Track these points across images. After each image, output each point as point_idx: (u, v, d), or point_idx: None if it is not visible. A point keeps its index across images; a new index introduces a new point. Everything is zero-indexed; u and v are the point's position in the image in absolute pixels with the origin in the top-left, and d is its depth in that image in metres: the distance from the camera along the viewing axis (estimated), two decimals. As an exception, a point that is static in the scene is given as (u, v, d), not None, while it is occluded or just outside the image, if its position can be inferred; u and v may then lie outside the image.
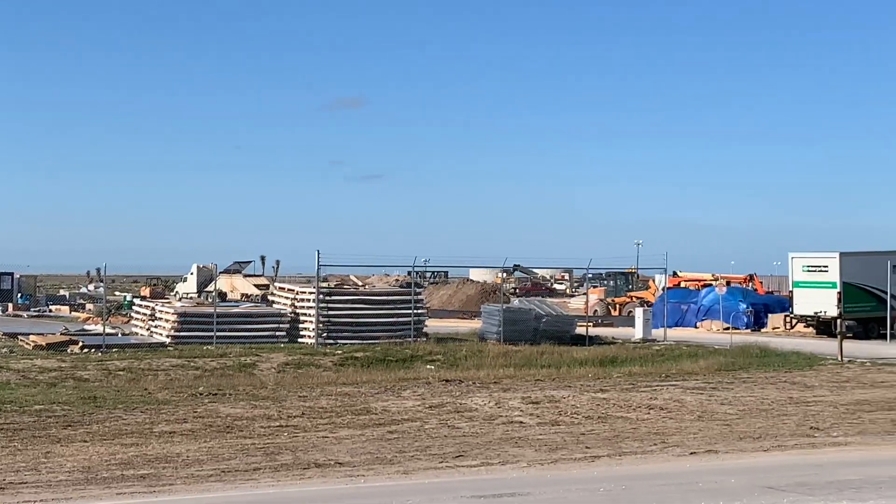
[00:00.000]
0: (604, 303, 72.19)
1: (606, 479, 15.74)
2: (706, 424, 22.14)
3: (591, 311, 68.62)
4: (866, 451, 19.19)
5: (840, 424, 22.29)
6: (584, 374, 31.81)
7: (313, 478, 16.22)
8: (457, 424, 21.89)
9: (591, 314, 67.03)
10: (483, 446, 19.16)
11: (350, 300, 41.48)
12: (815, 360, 36.10)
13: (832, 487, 14.94)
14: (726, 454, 18.60)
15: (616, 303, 72.20)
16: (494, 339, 41.30)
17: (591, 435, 20.62)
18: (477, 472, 16.68)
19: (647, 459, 18.02)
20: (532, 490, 14.99)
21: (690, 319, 56.79)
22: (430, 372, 32.54)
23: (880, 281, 48.28)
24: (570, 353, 37.26)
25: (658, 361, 36.65)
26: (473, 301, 71.92)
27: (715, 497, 14.14)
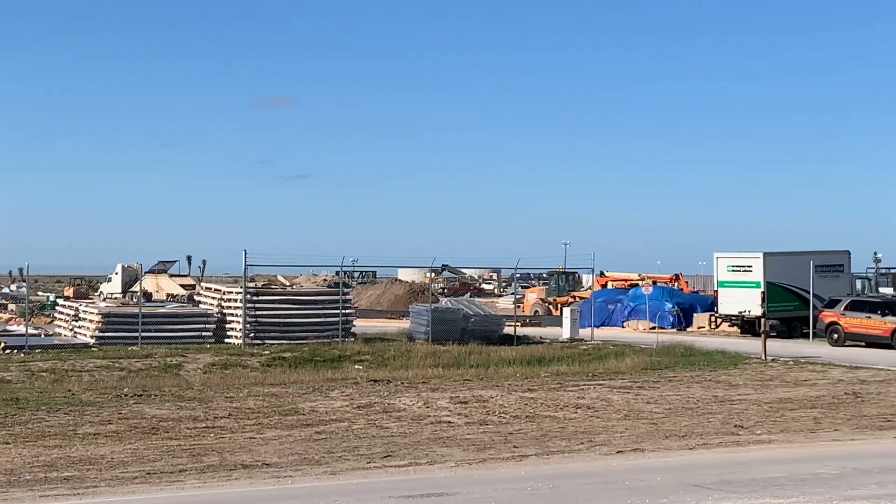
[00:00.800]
0: (544, 303, 72.33)
1: (534, 479, 15.79)
2: (633, 423, 22.30)
3: (532, 310, 68.90)
4: (789, 448, 19.44)
5: (764, 422, 22.56)
6: (512, 374, 31.91)
7: (240, 479, 16.10)
8: (385, 425, 21.85)
9: (532, 314, 67.32)
10: (411, 446, 19.14)
11: (277, 300, 41.25)
12: (739, 358, 36.51)
13: (756, 485, 15.11)
14: (653, 453, 18.75)
15: (558, 302, 72.43)
16: (423, 338, 41.29)
17: (518, 434, 20.68)
18: (405, 473, 16.65)
19: (575, 458, 18.10)
20: (460, 490, 15.00)
21: (617, 319, 57.18)
22: (358, 372, 32.46)
23: (803, 281, 48.96)
24: (498, 353, 37.35)
25: (585, 361, 36.85)
26: (402, 301, 71.89)
27: (641, 495, 14.24)
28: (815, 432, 21.40)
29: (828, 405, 25.53)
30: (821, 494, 14.26)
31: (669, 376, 31.70)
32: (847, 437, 20.87)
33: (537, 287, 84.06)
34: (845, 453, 18.52)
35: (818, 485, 15.07)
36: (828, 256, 51.74)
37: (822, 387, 29.39)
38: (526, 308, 71.38)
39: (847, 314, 44.78)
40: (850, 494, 14.25)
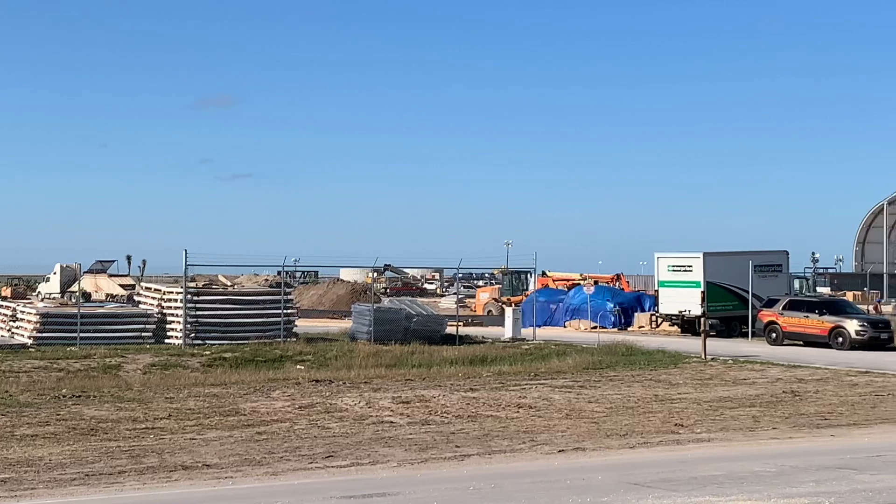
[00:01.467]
0: (497, 302, 72.30)
1: (476, 478, 15.80)
2: (574, 422, 22.39)
3: (485, 310, 68.89)
4: (728, 446, 19.61)
5: (703, 421, 22.74)
6: (455, 374, 31.93)
7: (180, 480, 15.98)
8: (327, 425, 21.78)
9: (486, 314, 67.32)
10: (353, 446, 19.10)
11: (218, 300, 40.99)
12: (679, 358, 36.79)
13: (696, 483, 15.22)
14: (594, 451, 18.84)
15: (511, 302, 72.51)
16: (365, 338, 41.22)
17: (461, 434, 20.69)
18: (347, 473, 16.61)
19: (517, 458, 18.15)
20: (402, 490, 14.98)
21: (559, 318, 57.43)
22: (300, 372, 32.34)
23: (742, 280, 49.44)
24: (440, 353, 37.37)
25: (527, 360, 36.97)
26: (344, 301, 71.65)
27: (582, 494, 14.29)
28: (753, 431, 21.60)
29: (766, 404, 25.79)
30: (759, 492, 14.39)
31: (611, 375, 31.87)
32: (785, 435, 21.09)
33: (490, 287, 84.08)
34: (783, 451, 18.71)
35: (757, 483, 15.20)
36: (766, 256, 52.31)
37: (760, 385, 29.68)
38: (478, 308, 71.40)
39: (785, 313, 45.29)
40: (789, 492, 14.39)
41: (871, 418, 23.56)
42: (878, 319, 46.69)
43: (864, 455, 18.00)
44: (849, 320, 43.91)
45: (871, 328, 43.50)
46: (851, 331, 43.18)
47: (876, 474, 15.85)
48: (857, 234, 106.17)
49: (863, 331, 43.12)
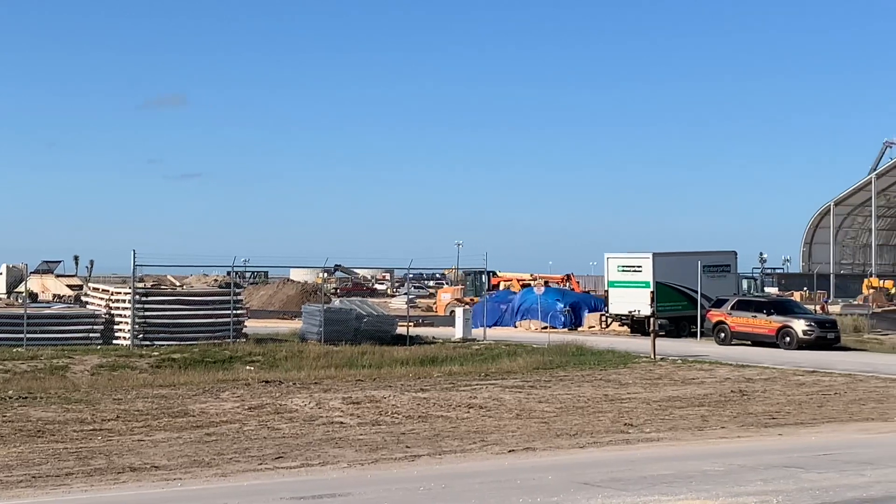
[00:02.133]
0: (460, 303, 72.19)
1: (427, 478, 15.80)
2: (524, 422, 22.44)
3: (447, 311, 68.75)
4: (677, 446, 19.73)
5: (653, 421, 22.86)
6: (405, 374, 31.91)
7: (128, 482, 15.85)
8: (276, 426, 21.70)
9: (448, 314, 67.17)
10: (303, 447, 19.04)
11: (167, 301, 40.69)
12: (629, 358, 36.97)
13: (645, 482, 15.29)
14: (544, 451, 18.88)
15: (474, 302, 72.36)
16: (315, 339, 41.07)
17: (411, 434, 20.68)
18: (297, 474, 16.55)
19: (467, 458, 18.16)
20: (352, 490, 14.94)
21: (509, 319, 57.51)
22: (250, 373, 32.19)
23: (691, 280, 49.78)
24: (390, 353, 37.32)
25: (478, 361, 37.00)
26: (294, 301, 71.38)
27: (533, 494, 14.32)
28: (702, 430, 21.74)
29: (715, 403, 25.97)
30: (708, 491, 14.48)
31: (561, 376, 31.98)
32: (733, 434, 21.25)
33: (452, 287, 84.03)
34: (732, 450, 18.84)
35: (705, 482, 15.30)
36: (715, 257, 52.71)
37: (709, 385, 29.89)
38: (440, 308, 71.29)
39: (734, 313, 45.65)
40: (737, 491, 14.49)
41: (817, 417, 23.80)
42: (825, 319, 47.17)
43: (811, 454, 18.16)
44: (796, 320, 44.33)
45: (818, 328, 43.93)
46: (799, 330, 43.59)
47: (823, 473, 16.00)
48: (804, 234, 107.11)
49: (810, 330, 43.54)
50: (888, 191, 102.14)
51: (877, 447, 19.22)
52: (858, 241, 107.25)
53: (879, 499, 13.93)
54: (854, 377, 31.98)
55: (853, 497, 14.04)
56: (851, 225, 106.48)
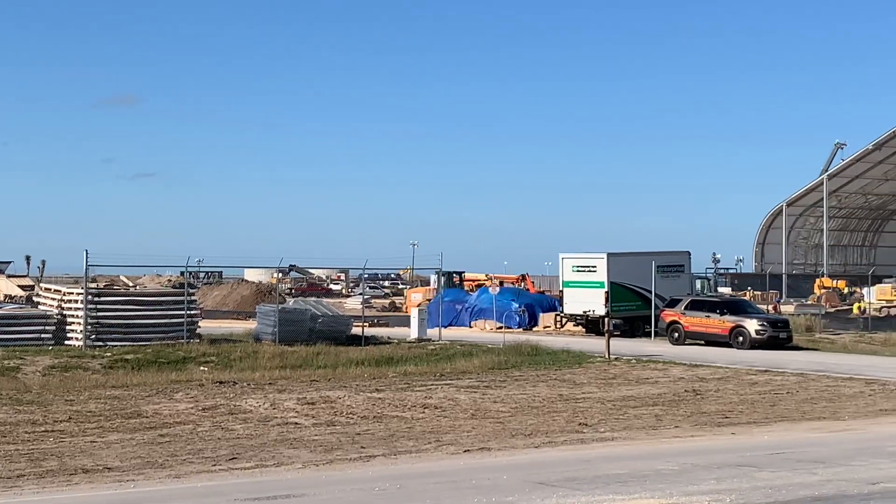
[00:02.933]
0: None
1: (382, 479, 15.77)
2: (480, 422, 22.46)
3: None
4: (632, 445, 19.81)
5: (607, 420, 22.95)
6: (360, 375, 31.86)
7: (80, 484, 15.71)
8: (231, 427, 21.59)
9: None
10: (258, 448, 18.95)
11: (120, 301, 40.37)
12: (584, 357, 37.08)
13: (600, 482, 15.34)
14: (499, 451, 18.90)
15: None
16: (270, 339, 40.90)
17: (366, 435, 20.64)
18: (251, 475, 16.47)
19: (422, 458, 18.14)
20: (307, 491, 14.89)
21: (465, 319, 57.52)
22: (204, 374, 32.01)
23: (645, 281, 50.01)
24: (346, 354, 37.22)
25: (433, 361, 36.98)
26: (248, 301, 71.13)
27: (488, 494, 14.33)
28: (656, 429, 21.85)
29: (669, 402, 26.11)
30: (662, 490, 14.55)
31: (516, 375, 32.03)
32: (687, 433, 21.37)
33: (423, 287, 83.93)
34: (685, 449, 18.95)
35: (659, 481, 15.37)
36: (669, 257, 52.98)
37: (663, 385, 30.04)
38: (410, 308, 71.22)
39: (687, 313, 45.91)
40: (690, 490, 14.57)
41: (770, 416, 23.97)
42: (778, 319, 47.53)
43: (763, 453, 18.29)
44: (749, 320, 44.64)
45: (771, 327, 44.27)
46: (751, 330, 43.91)
47: (775, 471, 16.12)
48: (756, 235, 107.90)
49: (762, 330, 43.87)
50: (839, 192, 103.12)
51: (828, 446, 19.39)
52: (810, 242, 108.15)
53: (831, 497, 14.05)
54: (806, 376, 32.25)
55: (805, 495, 14.16)
56: (803, 225, 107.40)
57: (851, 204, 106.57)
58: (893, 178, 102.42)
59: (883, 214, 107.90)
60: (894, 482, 15.06)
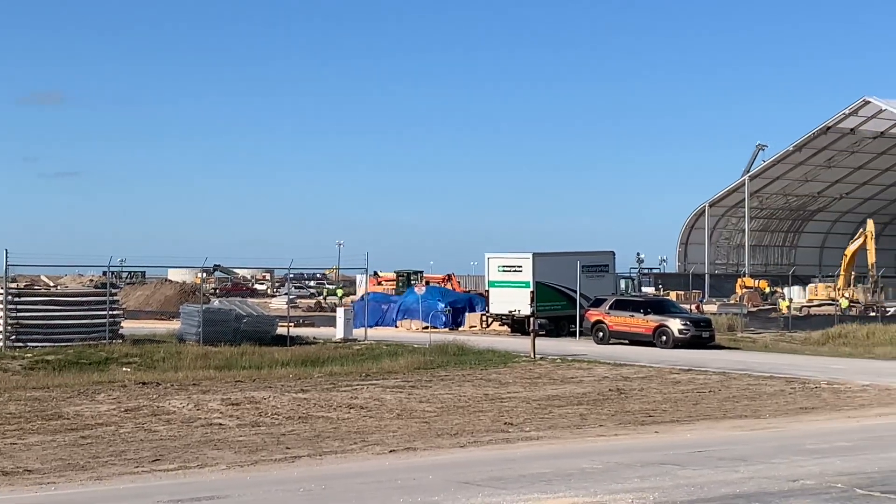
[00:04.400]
0: None
1: (307, 479, 15.71)
2: (405, 422, 22.45)
3: None
4: (556, 444, 19.91)
5: (532, 419, 23.04)
6: (286, 375, 31.70)
7: (0, 486, 15.46)
8: (154, 428, 21.39)
9: None
10: (181, 449, 18.79)
11: (41, 301, 39.80)
12: (509, 357, 37.20)
13: (524, 481, 15.40)
14: (425, 451, 18.90)
15: None
16: (194, 340, 40.56)
17: (291, 435, 20.55)
18: (175, 476, 16.32)
19: (348, 458, 18.10)
20: (231, 492, 14.79)
21: (391, 319, 57.47)
22: (126, 374, 31.67)
23: (570, 280, 50.29)
24: (271, 354, 37.01)
25: (359, 361, 36.90)
26: (172, 302, 70.43)
27: (413, 494, 14.33)
28: (581, 428, 21.98)
29: (593, 402, 26.28)
30: (586, 489, 14.64)
31: (442, 375, 32.06)
32: (611, 432, 21.52)
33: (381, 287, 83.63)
34: (609, 448, 19.08)
35: (584, 479, 15.46)
36: (594, 257, 53.34)
37: (588, 384, 30.24)
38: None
39: (612, 313, 46.26)
40: (614, 488, 14.68)
41: (693, 415, 24.22)
42: (700, 318, 48.07)
43: (686, 451, 18.48)
44: (672, 319, 45.09)
45: (694, 327, 44.75)
46: (675, 329, 44.34)
47: (698, 469, 16.28)
48: (679, 235, 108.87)
49: (685, 329, 44.32)
50: (761, 192, 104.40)
51: (750, 444, 19.64)
52: (732, 242, 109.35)
53: (752, 494, 14.22)
54: (728, 375, 32.63)
55: (727, 493, 14.32)
56: (725, 226, 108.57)
57: (772, 205, 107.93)
58: (813, 179, 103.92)
59: (803, 215, 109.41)
60: (814, 479, 15.28)
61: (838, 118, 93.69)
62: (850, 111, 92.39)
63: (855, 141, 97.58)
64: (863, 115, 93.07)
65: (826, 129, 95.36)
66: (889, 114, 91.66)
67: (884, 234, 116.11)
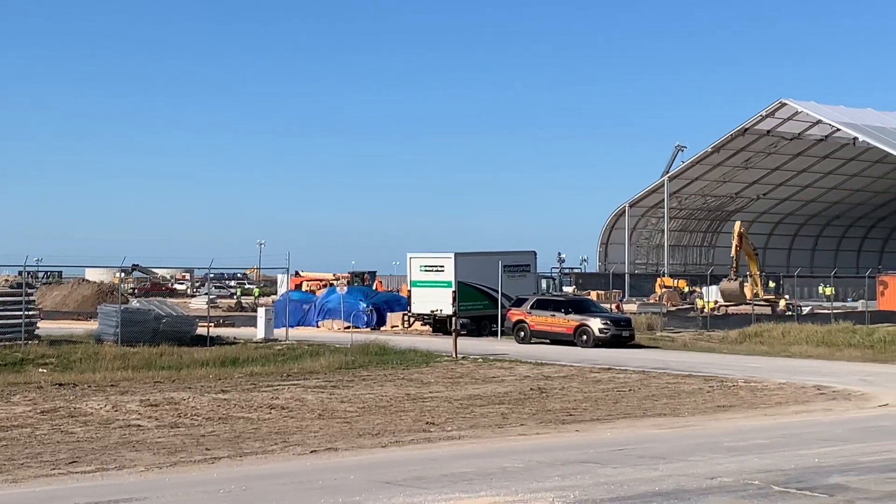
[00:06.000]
0: None
1: (227, 481, 15.58)
2: (327, 423, 22.36)
3: None
4: (478, 443, 19.95)
5: (454, 419, 23.07)
6: (205, 375, 31.44)
7: (-89, 491, 15.16)
8: (71, 429, 21.08)
9: None
10: (99, 451, 18.54)
11: (-46, 301, 39.07)
12: (431, 357, 37.21)
13: (446, 480, 15.41)
14: (346, 451, 18.84)
15: None
16: (112, 340, 40.05)
17: (211, 436, 20.37)
18: (92, 478, 16.10)
19: (269, 459, 17.98)
20: (150, 494, 14.62)
21: (312, 319, 57.22)
22: (42, 375, 31.20)
23: (492, 280, 50.45)
24: (190, 354, 36.67)
25: (280, 361, 36.70)
26: (90, 302, 69.50)
27: (334, 494, 14.27)
28: (502, 427, 22.04)
29: (515, 401, 26.36)
30: (507, 488, 14.68)
31: (364, 375, 31.99)
32: (532, 431, 21.60)
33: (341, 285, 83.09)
34: (531, 447, 19.16)
35: (505, 478, 15.50)
36: (515, 257, 53.53)
37: (509, 383, 30.33)
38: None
39: (533, 312, 46.46)
40: (535, 487, 14.74)
41: (613, 413, 24.40)
42: (620, 318, 48.44)
43: (606, 449, 18.61)
44: (593, 319, 45.39)
45: (614, 326, 45.09)
46: (595, 329, 44.65)
47: (618, 467, 16.41)
48: (600, 235, 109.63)
49: (606, 329, 44.64)
50: (680, 193, 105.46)
51: (669, 442, 19.83)
52: (652, 242, 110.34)
53: (671, 492, 14.36)
54: (647, 374, 32.93)
55: (646, 490, 14.44)
56: (645, 226, 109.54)
57: (691, 205, 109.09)
58: (731, 180, 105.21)
59: (721, 215, 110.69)
60: (731, 477, 15.47)
61: (756, 120, 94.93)
62: (767, 113, 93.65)
63: (772, 142, 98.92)
64: (779, 116, 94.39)
65: (744, 131, 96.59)
66: (805, 115, 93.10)
67: (799, 234, 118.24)
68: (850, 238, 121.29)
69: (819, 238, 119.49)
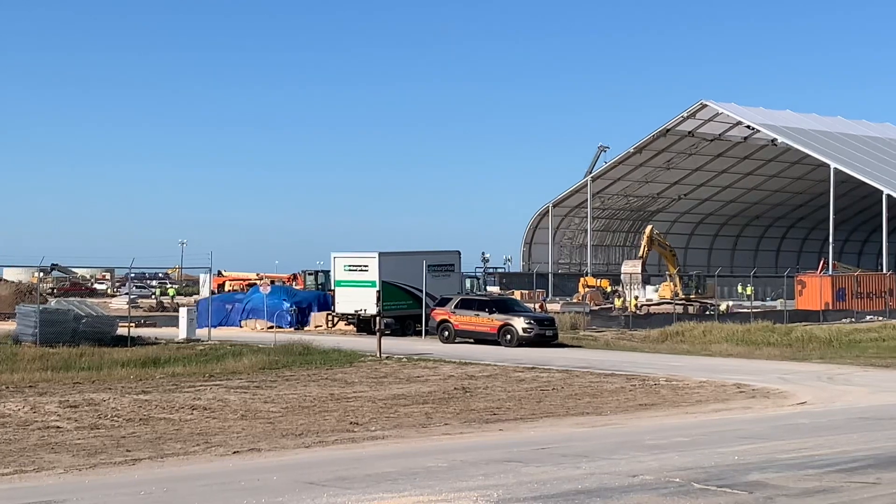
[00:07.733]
0: None
1: (148, 482, 15.41)
2: (250, 423, 22.22)
3: None
4: (402, 443, 19.94)
5: (378, 419, 23.04)
6: (126, 376, 31.11)
7: None
8: (-12, 432, 20.73)
9: None
10: (17, 453, 18.26)
11: None
12: (355, 356, 37.13)
13: (370, 480, 15.38)
14: (269, 452, 18.74)
15: None
16: (30, 341, 39.50)
17: (132, 437, 20.15)
18: (10, 481, 15.85)
19: (190, 460, 17.82)
20: (69, 496, 14.42)
21: (235, 318, 56.83)
22: (-41, 377, 30.63)
23: (416, 280, 50.47)
24: (111, 355, 36.25)
25: (202, 361, 36.39)
26: (7, 302, 68.39)
27: (257, 495, 14.18)
28: (426, 427, 22.05)
29: (439, 400, 26.39)
30: (432, 487, 14.69)
31: (287, 375, 31.84)
32: (456, 430, 21.64)
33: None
34: (455, 446, 19.19)
35: (429, 478, 15.51)
36: (440, 256, 53.61)
37: (433, 383, 30.36)
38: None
39: (457, 312, 46.54)
40: (459, 486, 14.76)
41: (536, 412, 24.52)
42: (544, 317, 48.67)
43: (530, 448, 18.69)
44: (516, 318, 45.56)
45: (538, 325, 45.31)
46: (519, 328, 44.83)
47: (541, 466, 16.48)
48: (524, 235, 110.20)
49: (529, 328, 44.84)
50: (602, 193, 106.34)
51: (591, 440, 19.97)
52: (575, 242, 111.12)
53: (594, 490, 14.45)
54: (571, 373, 33.13)
55: (569, 489, 14.52)
56: (569, 226, 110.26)
57: (614, 205, 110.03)
58: (653, 180, 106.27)
59: (643, 215, 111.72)
60: (653, 474, 15.60)
61: (677, 121, 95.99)
62: (689, 114, 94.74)
63: (693, 143, 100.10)
64: (700, 117, 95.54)
65: (665, 132, 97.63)
66: (725, 117, 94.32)
67: (720, 234, 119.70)
68: (770, 238, 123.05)
69: (739, 238, 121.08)
